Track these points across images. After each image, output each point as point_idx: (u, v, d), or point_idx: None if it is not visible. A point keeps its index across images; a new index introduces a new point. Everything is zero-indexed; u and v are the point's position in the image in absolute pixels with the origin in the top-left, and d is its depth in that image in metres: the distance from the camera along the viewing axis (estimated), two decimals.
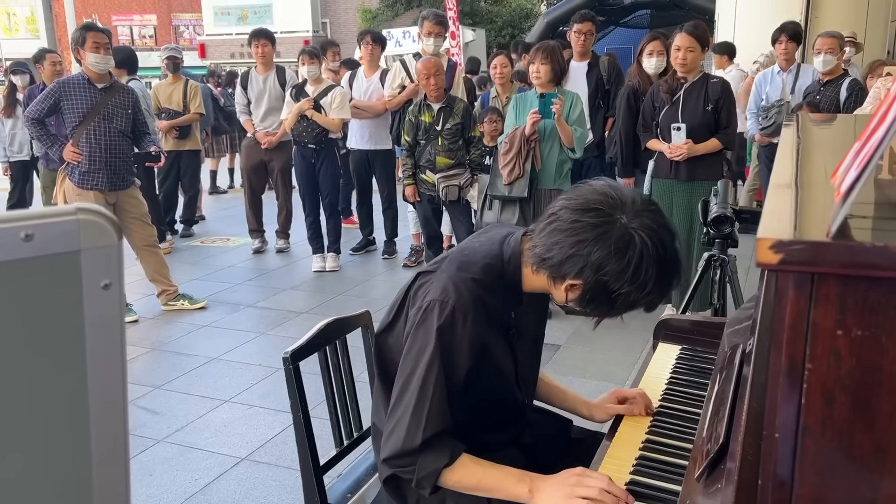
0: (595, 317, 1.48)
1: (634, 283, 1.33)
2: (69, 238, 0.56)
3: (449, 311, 1.41)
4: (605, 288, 1.35)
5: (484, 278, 1.47)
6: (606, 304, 1.38)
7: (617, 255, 1.32)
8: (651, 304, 1.41)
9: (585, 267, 1.34)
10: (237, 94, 6.20)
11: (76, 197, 4.44)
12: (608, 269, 1.33)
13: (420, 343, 1.43)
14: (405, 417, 1.41)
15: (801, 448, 0.68)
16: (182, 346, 4.26)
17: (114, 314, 0.61)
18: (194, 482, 2.82)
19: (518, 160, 4.32)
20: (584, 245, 1.34)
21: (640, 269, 1.32)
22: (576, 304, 1.42)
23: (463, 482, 1.43)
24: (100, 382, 0.62)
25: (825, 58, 4.88)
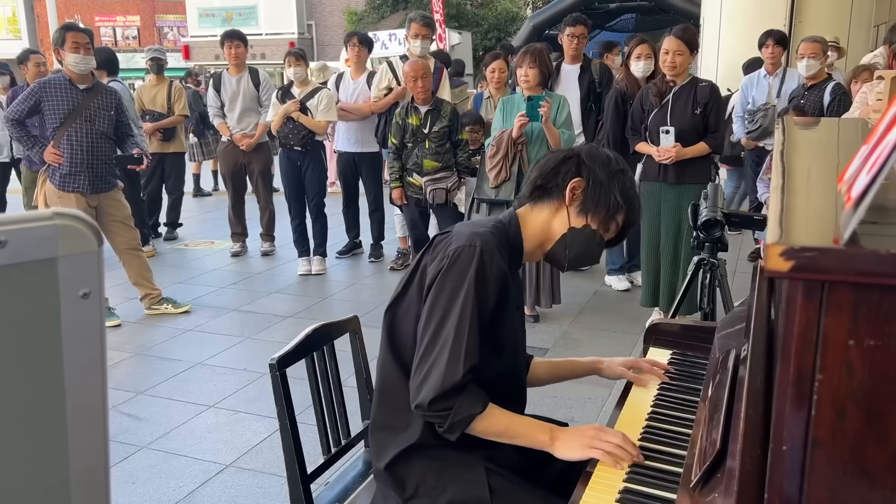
0: (597, 227, 1.62)
1: (620, 166, 1.63)
2: (45, 244, 0.53)
3: (478, 253, 1.48)
4: (605, 171, 1.60)
5: (497, 234, 1.57)
6: (607, 193, 1.59)
7: (594, 154, 1.64)
8: (633, 203, 1.65)
9: (581, 164, 1.61)
10: (210, 97, 6.13)
11: (57, 199, 4.38)
12: (596, 158, 1.62)
13: (452, 285, 1.48)
14: (443, 355, 1.45)
15: (811, 462, 0.66)
16: (165, 351, 4.21)
17: (93, 324, 0.58)
18: (178, 489, 2.77)
19: (505, 163, 4.30)
20: (568, 153, 1.65)
21: (617, 161, 1.64)
22: (579, 209, 1.61)
23: (490, 428, 1.50)
24: (78, 395, 0.59)
25: (808, 63, 4.91)
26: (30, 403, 0.55)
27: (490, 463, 1.55)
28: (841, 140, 1.55)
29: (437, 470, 1.55)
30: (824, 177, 1.07)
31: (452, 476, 1.53)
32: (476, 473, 1.52)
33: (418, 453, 1.56)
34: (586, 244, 1.62)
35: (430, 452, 1.56)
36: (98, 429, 0.60)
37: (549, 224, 1.63)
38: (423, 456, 1.56)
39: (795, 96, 5.17)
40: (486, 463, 1.54)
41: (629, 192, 1.62)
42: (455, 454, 1.54)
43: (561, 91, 5.09)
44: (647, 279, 4.31)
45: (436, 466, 1.55)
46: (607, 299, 5.05)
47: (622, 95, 4.65)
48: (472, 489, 1.51)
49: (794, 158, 1.28)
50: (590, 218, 1.61)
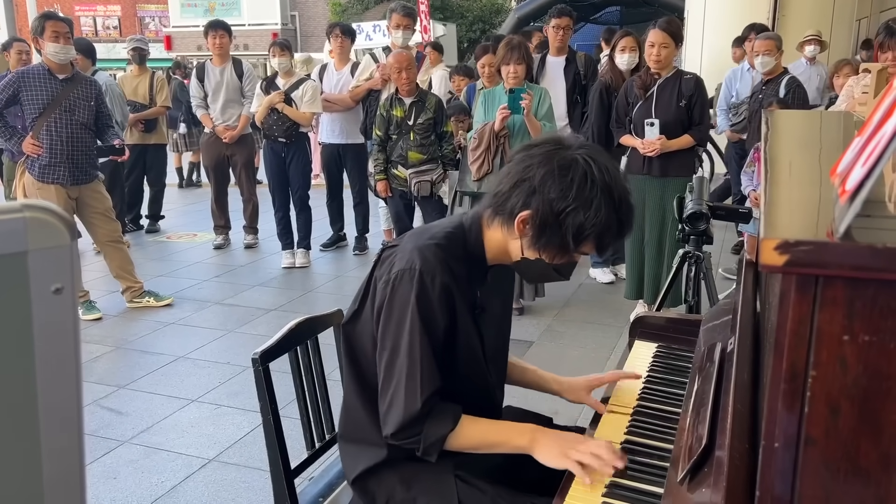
0: (551, 261, 1.47)
1: (579, 201, 1.37)
2: (15, 238, 0.51)
3: (417, 276, 1.42)
4: (552, 209, 1.38)
5: (447, 244, 1.49)
6: (556, 229, 1.40)
7: (560, 173, 1.38)
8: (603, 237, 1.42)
9: (532, 192, 1.39)
10: (193, 88, 6.06)
11: (36, 191, 4.31)
12: (552, 188, 1.37)
13: (397, 315, 1.43)
14: (400, 388, 1.42)
15: (804, 459, 0.65)
16: (147, 345, 4.17)
17: (66, 320, 0.56)
18: (160, 484, 2.74)
19: (487, 156, 4.28)
20: (529, 170, 1.41)
21: (583, 186, 1.37)
22: (529, 244, 1.44)
23: (467, 442, 1.47)
24: (51, 394, 0.56)
25: (763, 59, 4.98)
26: (0, 402, 0.53)
27: (462, 470, 1.52)
28: (829, 133, 1.55)
29: (406, 482, 1.52)
30: (815, 170, 1.06)
31: (422, 488, 1.50)
32: (445, 483, 1.49)
33: (387, 466, 1.54)
34: (542, 274, 1.51)
35: (399, 464, 1.54)
36: (73, 429, 0.58)
37: (505, 246, 1.50)
38: (393, 468, 1.54)
39: (755, 91, 5.22)
40: (457, 471, 1.51)
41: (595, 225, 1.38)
42: (425, 464, 1.51)
43: (547, 83, 5.07)
44: (631, 272, 4.31)
45: (405, 478, 1.53)
46: (592, 292, 5.05)
47: (607, 88, 4.65)
48: (441, 500, 1.48)
49: (783, 151, 1.27)
50: (542, 254, 1.45)
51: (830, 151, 1.29)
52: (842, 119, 1.89)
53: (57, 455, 0.58)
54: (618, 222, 1.42)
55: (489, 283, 1.61)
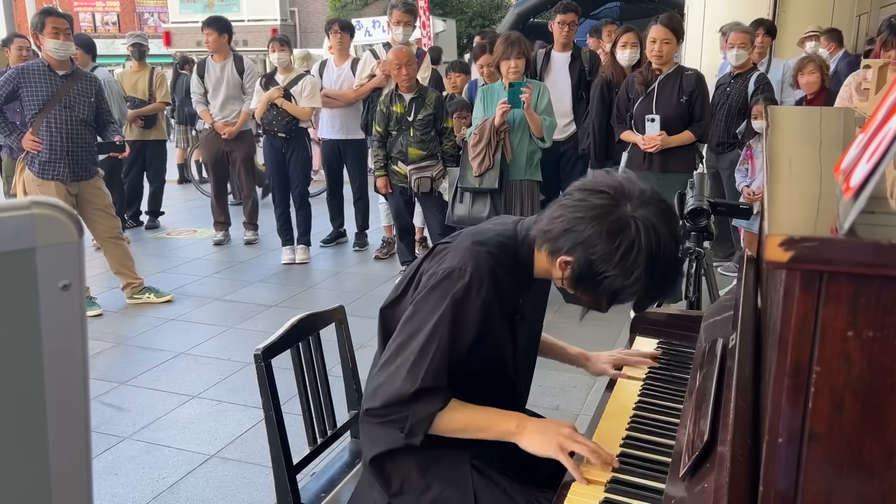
0: (585, 303, 1.49)
1: (620, 269, 1.34)
2: (23, 234, 0.51)
3: (467, 280, 1.43)
4: (592, 268, 1.37)
5: (499, 254, 1.49)
6: (592, 286, 1.40)
7: (608, 237, 1.34)
8: (639, 301, 1.44)
9: (578, 244, 1.38)
10: (193, 83, 6.05)
11: (36, 188, 4.31)
12: (597, 249, 1.35)
13: (431, 306, 1.44)
14: (402, 370, 1.42)
15: (807, 454, 0.65)
16: (148, 341, 4.17)
17: (74, 317, 0.56)
18: (162, 480, 2.75)
19: (488, 151, 4.28)
20: (582, 222, 1.38)
21: (628, 255, 1.34)
22: (567, 284, 1.44)
23: (452, 425, 1.46)
24: (59, 390, 0.57)
25: (738, 52, 4.91)
26: (8, 399, 0.53)
27: (478, 460, 1.53)
28: (829, 129, 1.55)
29: (422, 468, 1.53)
30: (816, 166, 1.06)
31: (437, 474, 1.52)
32: (461, 472, 1.51)
33: (405, 449, 1.55)
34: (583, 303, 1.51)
35: (418, 449, 1.55)
36: (80, 424, 0.59)
37: (550, 272, 1.51)
38: (410, 452, 1.54)
39: (721, 83, 5.19)
40: (474, 460, 1.53)
41: (630, 295, 1.40)
42: (442, 452, 1.53)
43: (552, 80, 5.07)
44: None
45: (422, 464, 1.54)
46: None
47: (608, 84, 4.64)
48: (455, 488, 1.49)
49: (783, 148, 1.27)
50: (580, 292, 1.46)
51: (831, 147, 1.29)
52: (842, 115, 1.89)
53: (64, 450, 0.58)
54: (657, 291, 1.43)
55: (531, 296, 1.64)
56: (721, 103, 5.03)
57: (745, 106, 4.89)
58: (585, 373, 1.98)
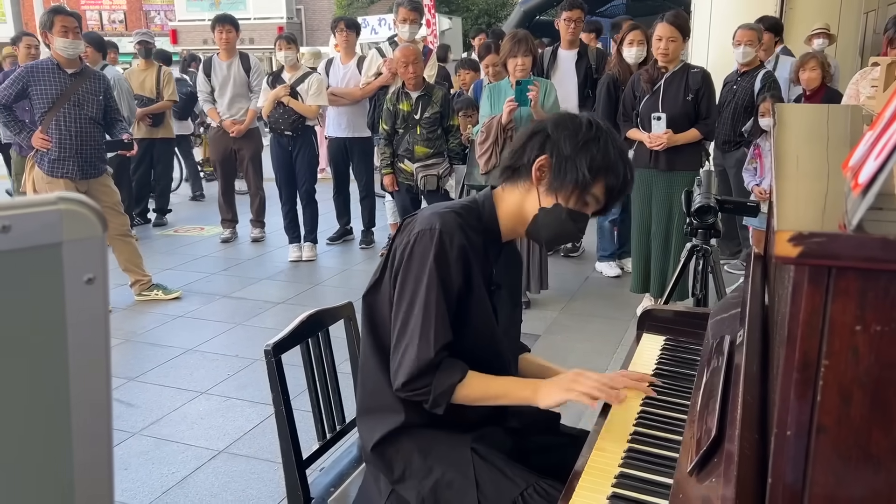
0: (567, 203, 1.55)
1: (589, 137, 1.51)
2: (50, 229, 0.52)
3: (437, 235, 1.48)
4: (567, 146, 1.51)
5: (465, 213, 1.56)
6: (573, 168, 1.51)
7: (571, 121, 1.55)
8: (611, 171, 1.53)
9: (546, 139, 1.54)
10: (200, 82, 6.07)
11: (46, 185, 4.34)
12: (563, 131, 1.52)
13: (415, 271, 1.49)
14: (414, 340, 1.48)
15: (815, 447, 0.66)
16: (156, 337, 4.19)
17: (98, 310, 0.57)
18: (171, 475, 2.77)
19: (495, 149, 4.29)
20: (539, 125, 1.58)
21: (590, 129, 1.52)
22: (547, 188, 1.54)
23: (473, 393, 1.52)
24: (83, 382, 0.58)
25: (745, 49, 4.89)
26: (34, 389, 0.55)
27: (479, 444, 1.55)
28: (836, 126, 1.55)
29: (423, 451, 1.55)
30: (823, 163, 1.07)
31: (438, 457, 1.53)
32: (462, 455, 1.52)
33: (406, 435, 1.57)
34: (559, 224, 1.57)
35: (418, 433, 1.57)
36: (102, 415, 0.60)
37: (521, 205, 1.59)
38: (411, 437, 1.56)
39: (728, 81, 5.18)
40: (474, 445, 1.54)
41: (605, 161, 1.52)
42: (443, 435, 1.55)
43: (558, 77, 5.07)
44: (637, 266, 4.32)
45: (423, 448, 1.55)
46: (598, 285, 5.06)
47: (614, 82, 4.64)
48: (457, 471, 1.51)
49: (791, 145, 1.28)
50: (559, 196, 1.54)
51: (838, 145, 1.30)
52: (849, 112, 1.89)
53: (87, 440, 0.59)
54: (623, 165, 1.54)
55: (502, 265, 1.66)
56: (728, 101, 5.02)
57: (751, 104, 4.88)
58: (590, 366, 1.98)
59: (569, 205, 1.54)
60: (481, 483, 1.49)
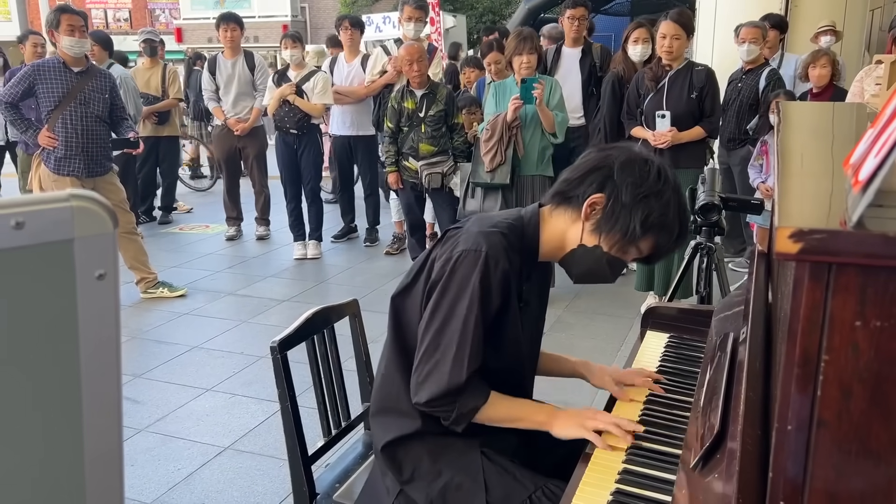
0: (609, 249, 1.52)
1: (654, 191, 1.45)
2: (62, 226, 0.53)
3: (483, 258, 1.46)
4: (627, 193, 1.45)
5: (510, 234, 1.53)
6: (626, 217, 1.46)
7: (640, 164, 1.47)
8: (665, 230, 1.48)
9: (609, 178, 1.47)
10: (204, 80, 6.08)
11: (52, 183, 4.36)
12: (629, 175, 1.46)
13: (455, 289, 1.47)
14: (447, 359, 1.46)
15: (816, 441, 0.67)
16: (162, 335, 4.21)
17: (109, 305, 0.59)
18: (177, 472, 2.78)
19: (500, 147, 4.30)
20: (608, 159, 1.50)
21: (657, 181, 1.46)
22: (594, 228, 1.50)
23: (494, 416, 1.53)
24: (94, 376, 0.59)
25: (749, 47, 4.88)
26: (46, 384, 0.56)
27: (488, 448, 1.56)
28: (841, 124, 1.56)
29: (433, 454, 1.56)
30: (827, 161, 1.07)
31: (448, 461, 1.54)
32: (471, 459, 1.53)
33: (418, 439, 1.58)
34: (595, 265, 1.54)
35: (430, 438, 1.57)
36: (112, 409, 0.61)
37: (564, 234, 1.55)
38: (423, 441, 1.57)
39: (733, 79, 5.18)
40: (484, 448, 1.55)
41: (661, 220, 1.46)
42: (452, 439, 1.56)
43: (562, 75, 5.07)
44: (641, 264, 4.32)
45: (433, 451, 1.56)
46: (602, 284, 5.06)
47: (619, 79, 4.64)
48: (466, 474, 1.52)
49: (795, 143, 1.28)
50: (602, 239, 1.50)
51: (843, 143, 1.31)
52: (854, 110, 1.90)
53: (98, 434, 0.60)
54: (679, 225, 1.50)
55: (534, 281, 1.66)
56: (732, 99, 5.01)
57: (756, 101, 4.88)
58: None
59: (611, 251, 1.51)
60: (490, 486, 1.50)
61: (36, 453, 0.57)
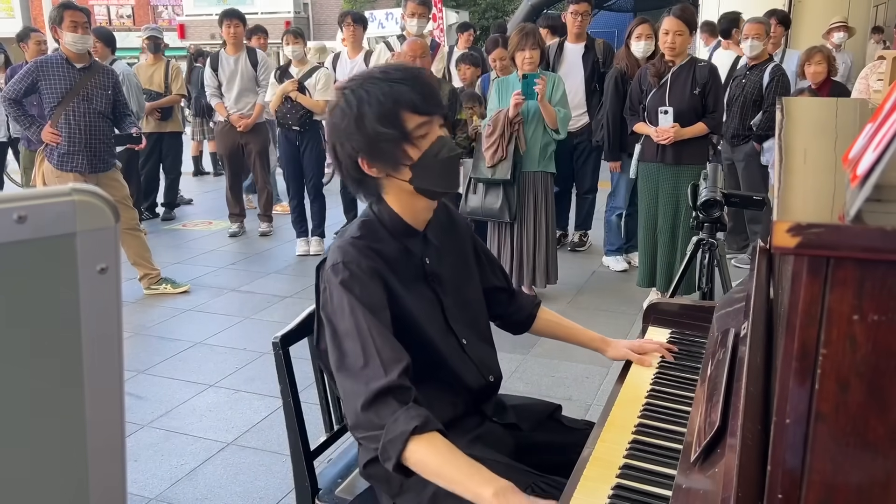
0: (400, 164, 1.48)
1: (354, 118, 1.44)
2: (64, 220, 0.54)
3: (341, 266, 1.46)
4: (357, 145, 1.46)
5: (365, 232, 1.53)
6: (380, 145, 1.45)
7: (335, 117, 1.49)
8: (398, 101, 1.44)
9: (337, 145, 1.50)
10: (207, 77, 6.09)
11: (55, 179, 4.37)
12: (341, 134, 1.48)
13: (334, 305, 1.45)
14: (357, 370, 1.38)
15: (814, 434, 0.67)
16: (165, 331, 4.22)
17: (111, 299, 0.59)
18: (180, 467, 2.79)
19: (502, 143, 4.30)
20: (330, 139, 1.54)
21: (348, 108, 1.46)
22: (381, 170, 1.50)
23: (428, 462, 1.31)
24: (96, 369, 0.60)
25: (752, 43, 4.87)
26: (49, 378, 0.56)
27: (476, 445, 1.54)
28: (844, 120, 1.56)
29: None
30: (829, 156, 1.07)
31: None
32: None
33: None
34: (437, 171, 1.49)
35: None
36: (115, 402, 0.62)
37: (398, 193, 1.53)
38: None
39: (736, 76, 5.17)
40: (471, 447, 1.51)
41: (378, 109, 1.42)
42: None
43: (565, 71, 5.07)
44: (643, 260, 4.33)
45: None
46: (605, 279, 5.07)
47: (622, 75, 4.64)
48: None
49: (797, 139, 1.28)
50: (388, 168, 1.48)
51: (844, 139, 1.31)
52: (857, 106, 1.90)
53: (101, 428, 0.61)
54: (388, 86, 1.44)
55: (433, 252, 1.62)
56: (736, 95, 5.01)
57: (760, 98, 4.87)
58: (598, 363, 1.99)
59: (404, 162, 1.47)
60: None
61: (39, 448, 0.57)
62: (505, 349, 3.82)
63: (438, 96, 1.50)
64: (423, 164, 1.47)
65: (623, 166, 4.84)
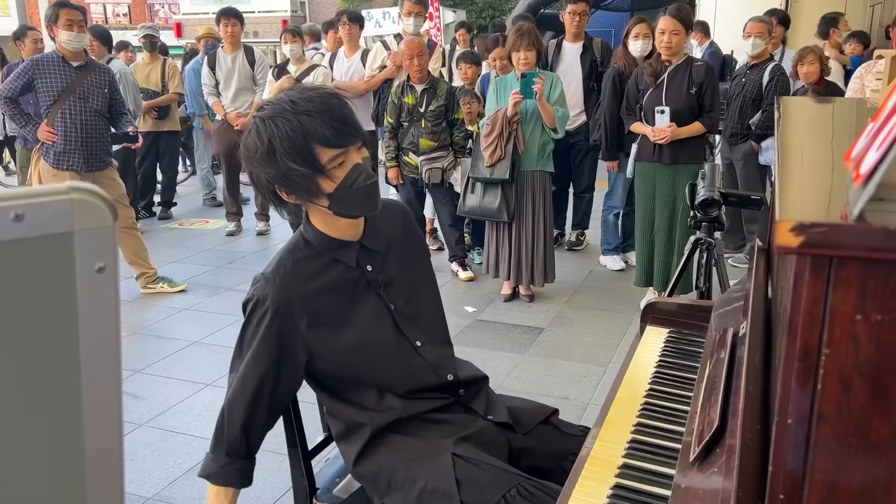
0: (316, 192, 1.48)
1: (269, 151, 1.42)
2: (62, 218, 0.53)
3: (251, 307, 1.58)
4: (275, 175, 1.45)
5: (287, 256, 1.58)
6: (293, 177, 1.45)
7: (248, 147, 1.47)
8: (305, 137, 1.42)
9: (265, 179, 1.48)
10: (204, 75, 6.08)
11: (52, 178, 4.36)
12: (258, 163, 1.46)
13: (242, 329, 1.62)
14: (234, 385, 1.59)
15: (816, 434, 0.67)
16: (162, 330, 4.21)
17: (108, 298, 0.59)
18: (177, 466, 2.79)
19: (500, 142, 4.29)
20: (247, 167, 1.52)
21: (259, 139, 1.44)
22: (299, 199, 1.51)
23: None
24: (94, 370, 0.59)
25: (754, 42, 4.87)
26: (46, 377, 0.56)
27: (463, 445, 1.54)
28: (841, 119, 1.56)
29: (405, 462, 1.54)
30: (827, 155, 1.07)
31: (421, 467, 1.52)
32: (443, 461, 1.51)
33: (384, 446, 1.57)
34: (351, 197, 1.48)
35: (396, 445, 1.56)
36: (113, 403, 0.61)
37: (320, 214, 1.55)
38: (390, 449, 1.56)
39: (737, 74, 5.17)
40: (457, 447, 1.53)
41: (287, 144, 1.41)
42: (422, 443, 1.55)
43: (563, 70, 5.06)
44: (641, 259, 4.33)
45: (404, 458, 1.55)
46: (602, 279, 5.07)
47: (620, 75, 4.64)
48: (440, 479, 1.49)
49: (795, 138, 1.28)
50: (318, 193, 1.47)
51: (843, 138, 1.31)
52: (854, 105, 1.89)
53: (98, 428, 0.60)
54: (297, 120, 1.41)
55: (375, 258, 1.62)
56: (736, 94, 5.02)
57: (759, 97, 4.87)
58: (595, 363, 1.98)
59: (320, 191, 1.46)
60: (463, 488, 1.46)
61: (36, 448, 0.57)
62: (503, 349, 3.82)
63: (354, 124, 1.47)
64: (340, 194, 1.46)
65: (620, 166, 4.84)
